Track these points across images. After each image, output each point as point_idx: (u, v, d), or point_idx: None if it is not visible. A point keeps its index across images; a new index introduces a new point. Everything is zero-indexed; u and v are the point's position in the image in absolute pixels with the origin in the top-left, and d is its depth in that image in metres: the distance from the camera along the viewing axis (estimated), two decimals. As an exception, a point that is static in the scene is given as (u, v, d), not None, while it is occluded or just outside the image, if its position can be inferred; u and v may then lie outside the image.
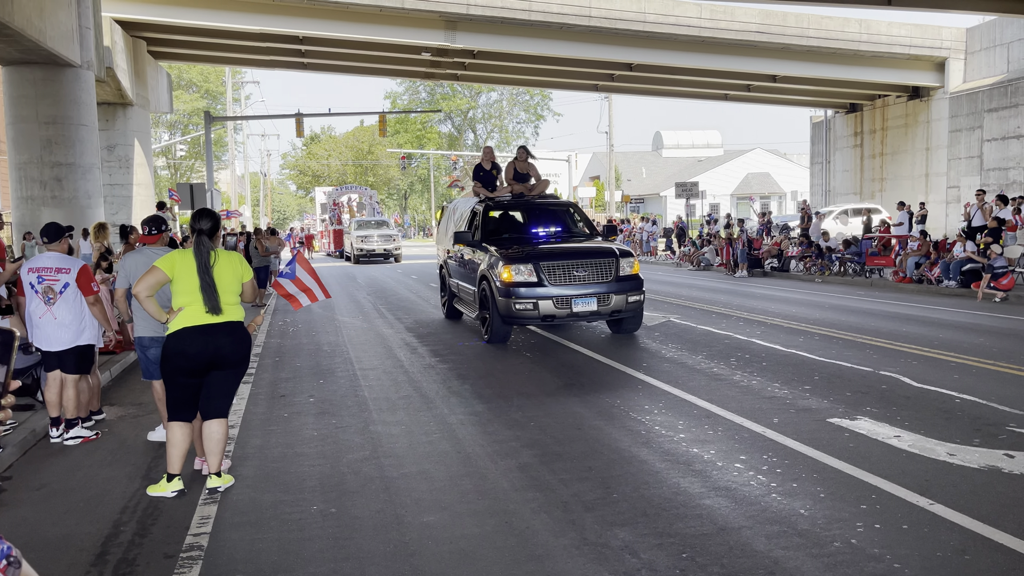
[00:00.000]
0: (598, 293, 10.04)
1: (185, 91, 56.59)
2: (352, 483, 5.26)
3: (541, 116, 65.06)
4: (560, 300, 9.95)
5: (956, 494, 4.71)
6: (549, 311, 9.96)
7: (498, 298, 10.14)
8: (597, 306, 10.04)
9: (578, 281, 10.07)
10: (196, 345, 5.07)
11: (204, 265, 5.08)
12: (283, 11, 23.87)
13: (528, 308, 9.93)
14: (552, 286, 9.97)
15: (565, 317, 10.05)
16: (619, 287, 10.18)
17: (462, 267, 12.09)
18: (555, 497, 4.87)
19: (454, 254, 12.58)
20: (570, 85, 34.58)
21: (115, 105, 24.62)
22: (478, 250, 11.21)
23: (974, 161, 27.72)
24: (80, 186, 18.37)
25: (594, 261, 10.21)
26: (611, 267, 10.24)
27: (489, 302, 10.46)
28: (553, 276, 10.03)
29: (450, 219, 13.74)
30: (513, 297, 9.97)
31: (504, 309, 10.08)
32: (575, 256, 10.30)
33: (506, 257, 10.22)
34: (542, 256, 10.19)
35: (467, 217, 12.30)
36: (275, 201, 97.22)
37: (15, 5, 14.37)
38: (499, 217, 12.09)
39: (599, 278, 10.13)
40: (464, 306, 12.36)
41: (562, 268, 10.08)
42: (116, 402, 7.99)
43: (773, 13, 26.38)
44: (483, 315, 10.85)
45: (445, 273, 13.53)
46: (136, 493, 5.23)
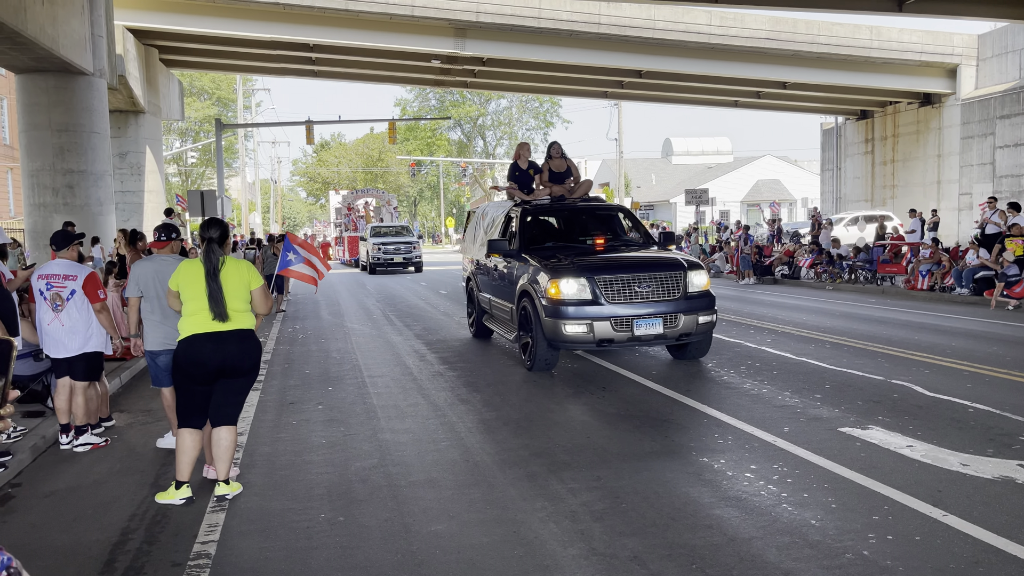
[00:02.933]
0: (664, 313, 8.52)
1: (196, 98, 56.93)
2: (360, 491, 5.25)
3: (551, 123, 65.12)
4: (619, 321, 8.39)
5: (969, 505, 4.66)
6: (606, 334, 8.39)
7: (543, 318, 8.60)
8: (663, 328, 8.46)
9: (640, 298, 8.53)
10: (205, 352, 5.07)
11: (211, 272, 5.10)
12: (294, 19, 23.99)
13: (581, 331, 8.36)
14: (609, 304, 8.44)
15: (625, 342, 8.51)
16: (688, 305, 8.65)
17: (496, 280, 10.57)
18: (564, 507, 4.84)
19: (486, 265, 11.08)
20: (580, 92, 34.63)
21: (127, 113, 24.79)
22: (517, 261, 9.69)
23: (986, 168, 27.56)
24: (92, 193, 18.49)
25: (658, 275, 8.67)
26: (678, 282, 8.70)
27: (531, 323, 8.94)
28: (610, 292, 8.48)
29: (478, 225, 12.22)
30: (562, 317, 8.40)
31: (551, 331, 8.55)
32: (636, 268, 8.75)
33: (553, 269, 8.71)
34: (596, 268, 8.66)
35: (501, 223, 10.80)
36: (285, 208, 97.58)
37: (28, 14, 14.49)
38: (540, 223, 10.63)
39: (664, 295, 8.60)
40: (497, 324, 10.82)
41: (621, 283, 8.52)
42: (126, 409, 8.01)
43: (783, 20, 26.34)
44: (523, 337, 9.36)
45: (473, 286, 11.91)
46: (145, 500, 5.23)
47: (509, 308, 9.91)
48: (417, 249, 31.16)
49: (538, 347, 8.85)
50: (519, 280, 9.41)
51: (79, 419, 6.58)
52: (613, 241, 10.18)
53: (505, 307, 10.13)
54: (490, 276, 10.90)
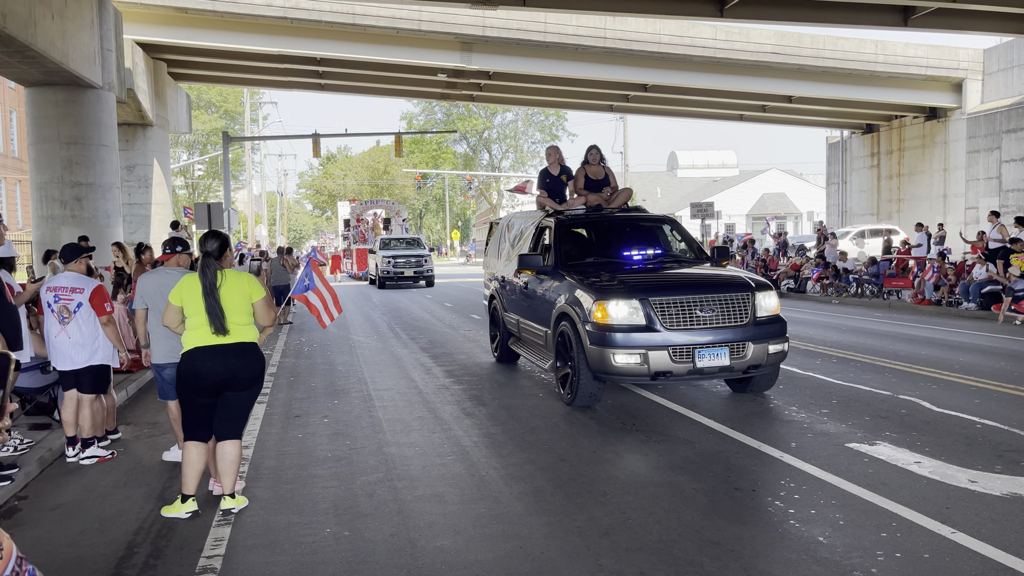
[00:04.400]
0: (731, 341, 7.34)
1: (204, 111, 57.27)
2: (366, 506, 5.24)
3: (556, 136, 65.23)
4: (679, 351, 7.22)
5: (978, 522, 4.63)
6: (663, 366, 7.21)
7: (588, 345, 7.46)
8: (730, 359, 7.30)
9: (702, 324, 7.35)
10: (208, 365, 5.08)
11: (208, 286, 5.09)
12: (301, 33, 24.16)
13: (633, 361, 7.21)
14: (667, 330, 7.27)
15: (685, 375, 7.31)
16: (758, 332, 7.47)
17: (527, 300, 9.42)
18: (570, 522, 4.83)
19: (514, 283, 9.94)
20: (585, 106, 34.71)
21: (135, 126, 24.94)
22: (553, 279, 8.57)
23: (992, 182, 27.53)
24: (100, 206, 18.58)
25: (723, 296, 7.50)
26: (746, 305, 7.53)
27: (572, 350, 7.81)
28: (667, 317, 7.32)
29: (503, 238, 11.06)
30: (611, 345, 7.26)
31: (597, 361, 7.40)
32: (696, 289, 7.61)
33: (599, 289, 7.61)
34: (650, 288, 7.57)
35: (531, 236, 9.72)
36: (291, 220, 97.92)
37: (38, 28, 14.62)
38: (579, 236, 9.55)
39: (730, 319, 7.43)
40: (527, 349, 9.67)
41: (679, 305, 7.37)
42: (132, 421, 8.02)
43: (788, 34, 26.41)
44: (560, 367, 8.23)
45: (498, 305, 10.74)
46: (151, 514, 5.23)
47: (543, 332, 8.75)
48: (429, 262, 29.99)
49: (581, 379, 7.66)
50: (556, 301, 8.26)
51: (86, 432, 6.59)
52: (662, 257, 9.18)
53: (538, 331, 8.97)
54: (519, 295, 9.75)
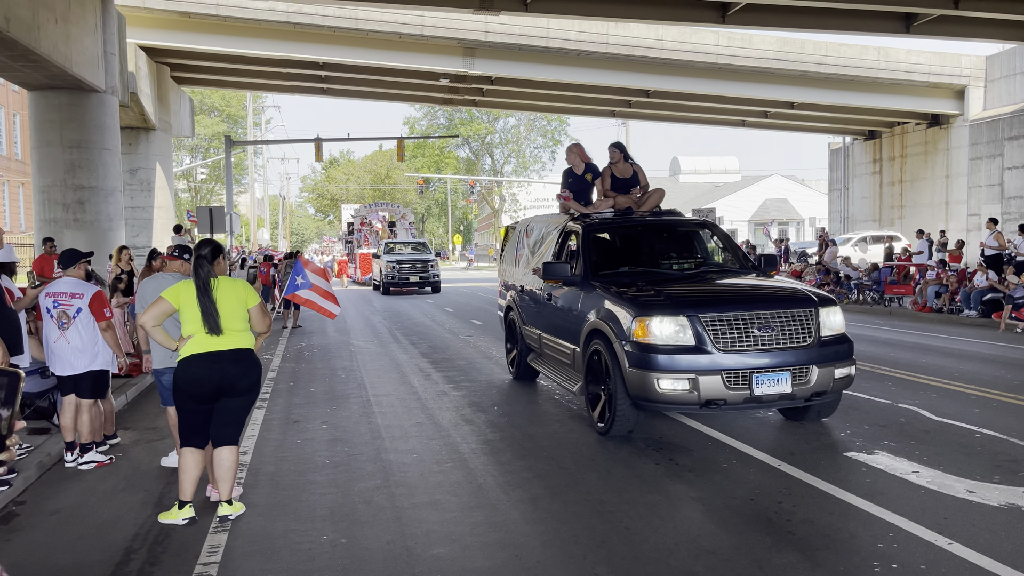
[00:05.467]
0: (793, 365, 6.43)
1: (207, 115, 57.39)
2: (363, 513, 5.24)
3: (558, 141, 65.30)
4: (734, 375, 6.31)
5: (975, 533, 4.62)
6: (715, 393, 6.28)
7: (627, 368, 6.53)
8: (792, 385, 6.38)
9: (759, 344, 6.42)
10: (203, 372, 5.08)
11: (202, 288, 5.09)
12: (304, 38, 24.21)
13: (681, 388, 6.30)
14: (720, 351, 6.36)
15: (741, 404, 6.39)
16: (822, 354, 6.55)
17: (551, 313, 8.50)
18: (567, 531, 4.82)
19: (535, 293, 9.07)
20: (588, 111, 34.75)
21: (138, 129, 24.99)
22: (582, 290, 7.66)
23: (995, 189, 27.51)
24: (102, 209, 18.61)
25: (783, 313, 6.58)
26: (809, 322, 6.60)
27: (608, 372, 6.89)
28: (720, 336, 6.40)
29: (520, 244, 10.17)
30: (655, 368, 6.34)
31: (638, 386, 6.47)
32: (752, 304, 6.71)
33: (640, 304, 6.71)
34: (699, 303, 6.68)
35: (554, 242, 8.83)
36: (294, 224, 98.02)
37: (42, 32, 14.67)
38: (610, 243, 8.64)
39: (792, 339, 6.50)
40: (550, 368, 8.68)
41: (734, 323, 6.44)
42: (131, 426, 8.02)
43: (791, 40, 26.43)
44: (591, 389, 7.31)
45: (515, 317, 9.83)
46: (148, 520, 5.24)
47: (570, 350, 7.85)
48: (435, 268, 28.98)
49: (617, 405, 6.74)
50: (587, 316, 7.34)
51: (84, 437, 6.60)
52: (704, 266, 8.26)
53: (564, 348, 8.07)
54: (541, 307, 8.85)
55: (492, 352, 12.58)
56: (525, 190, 66.47)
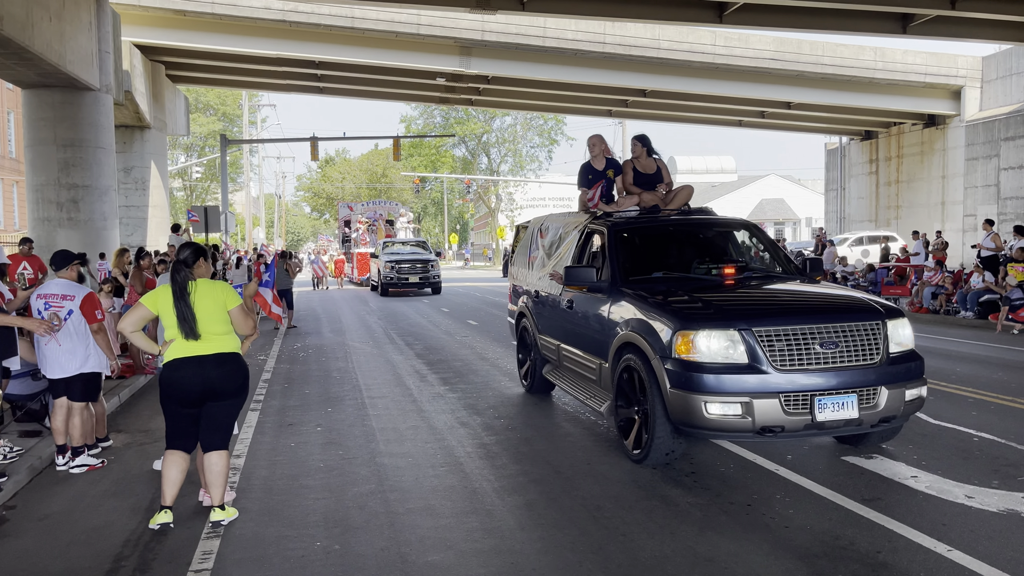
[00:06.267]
0: (860, 386, 5.64)
1: (202, 114, 57.21)
2: (357, 518, 5.18)
3: (555, 141, 65.15)
4: (794, 398, 5.53)
5: (974, 539, 4.58)
6: (773, 418, 5.50)
7: (668, 389, 5.74)
8: (859, 409, 5.60)
9: (822, 362, 5.63)
10: (186, 376, 5.01)
11: (178, 292, 5.00)
12: (300, 36, 24.13)
13: (732, 412, 5.51)
14: (777, 371, 5.55)
15: (801, 431, 5.61)
16: (891, 374, 5.77)
17: (572, 322, 7.67)
18: (563, 537, 4.77)
19: (552, 299, 8.26)
20: (584, 111, 34.71)
21: (133, 128, 24.89)
22: (610, 298, 6.87)
23: (991, 189, 27.53)
24: (96, 208, 18.53)
25: (847, 326, 5.78)
26: (876, 336, 5.81)
27: (643, 392, 6.12)
28: (777, 352, 5.60)
29: (534, 244, 9.31)
30: (701, 390, 5.56)
31: (681, 410, 5.68)
32: (811, 315, 5.91)
33: (682, 313, 5.94)
34: (751, 314, 5.92)
35: (574, 243, 7.97)
36: (289, 223, 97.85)
37: (36, 30, 14.57)
38: (640, 245, 7.60)
39: (858, 356, 5.71)
40: (570, 383, 7.89)
41: (792, 337, 5.64)
42: (123, 429, 7.96)
43: (788, 40, 26.42)
44: (622, 411, 6.53)
45: (529, 325, 9.05)
46: (139, 526, 5.17)
47: (595, 365, 7.06)
48: (435, 268, 27.91)
49: (656, 432, 5.93)
50: (617, 327, 6.58)
51: (76, 440, 6.53)
52: (747, 271, 7.23)
53: (588, 362, 7.27)
54: (561, 316, 8.04)
55: (488, 354, 12.53)
56: (521, 189, 66.42)
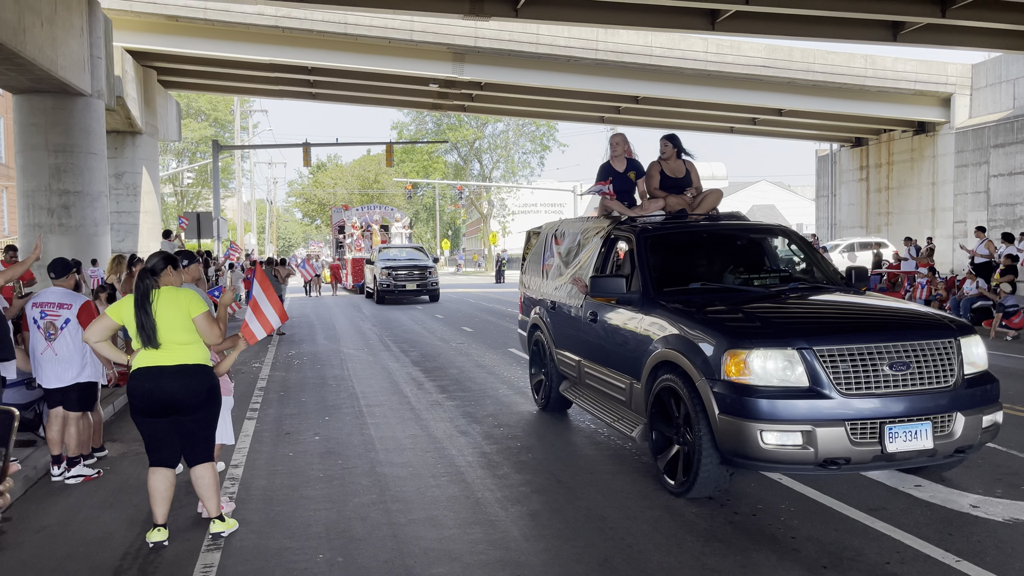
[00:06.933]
0: (934, 413, 5.09)
1: (193, 119, 57.01)
2: (359, 530, 5.13)
3: (547, 147, 65.28)
4: (862, 427, 4.96)
5: (981, 549, 4.57)
6: (838, 449, 4.92)
7: (716, 414, 5.16)
8: (933, 439, 5.03)
9: (892, 386, 5.06)
10: (147, 386, 4.89)
11: (139, 301, 4.89)
12: (293, 42, 24.07)
13: (792, 443, 4.94)
14: (843, 395, 4.97)
15: (870, 462, 5.03)
16: (966, 398, 5.22)
17: (597, 336, 7.03)
18: (568, 549, 4.73)
19: (572, 311, 7.61)
20: (576, 117, 34.76)
21: (124, 133, 24.76)
22: (642, 311, 6.26)
23: (981, 196, 27.71)
24: (88, 214, 18.40)
25: (917, 344, 5.19)
26: (949, 356, 5.25)
27: (687, 418, 5.46)
28: (841, 374, 5.02)
29: (548, 251, 8.68)
30: (755, 416, 4.97)
31: (732, 439, 5.09)
32: (877, 331, 5.32)
33: (731, 329, 5.39)
34: (811, 330, 5.37)
35: (596, 250, 7.36)
36: (281, 228, 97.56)
37: (27, 35, 14.48)
38: (672, 253, 7.11)
39: (929, 378, 5.15)
40: (593, 402, 7.27)
41: (858, 357, 5.06)
42: (118, 438, 7.87)
43: (779, 48, 26.54)
44: (659, 437, 5.95)
45: (544, 339, 8.40)
46: (137, 538, 5.10)
47: (625, 384, 6.45)
48: (433, 274, 27.03)
49: (701, 460, 5.31)
50: (652, 342, 5.97)
51: (71, 450, 6.45)
52: (792, 282, 6.77)
53: (616, 381, 6.66)
54: (582, 329, 7.38)
55: (484, 361, 12.48)
56: (514, 195, 66.45)
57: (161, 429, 5.00)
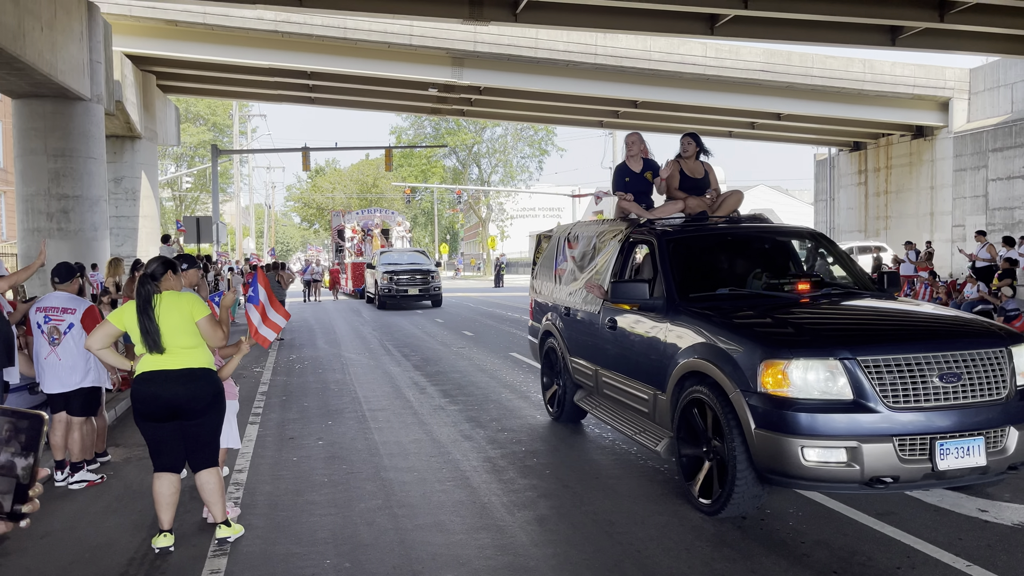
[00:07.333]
0: (986, 428, 4.78)
1: (192, 124, 57.00)
2: (366, 535, 5.11)
3: (545, 151, 65.32)
4: (911, 443, 4.64)
5: (992, 554, 4.55)
6: (886, 466, 4.61)
7: (752, 429, 4.85)
8: (986, 456, 4.72)
9: (943, 398, 4.75)
10: (151, 391, 4.88)
11: (141, 306, 4.87)
12: (293, 47, 24.07)
13: (836, 460, 4.64)
14: (891, 409, 4.67)
15: (920, 480, 4.70)
16: (1021, 411, 4.91)
17: (617, 344, 6.72)
18: (578, 554, 4.71)
19: (588, 316, 7.31)
20: (575, 121, 34.77)
21: (123, 138, 24.73)
22: (666, 317, 5.94)
23: (979, 200, 27.75)
24: (87, 219, 18.36)
25: (967, 354, 4.89)
26: (1001, 366, 4.94)
27: (720, 432, 5.17)
28: (888, 385, 4.71)
29: (560, 254, 8.39)
30: (796, 431, 4.68)
31: (769, 455, 4.79)
32: (924, 340, 5.01)
33: (767, 338, 5.07)
34: (853, 338, 5.07)
35: (615, 255, 7.04)
36: (279, 233, 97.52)
37: (27, 40, 14.46)
38: (697, 257, 6.84)
39: (981, 391, 4.84)
40: (611, 412, 6.98)
41: (906, 368, 4.75)
42: (122, 443, 7.84)
43: (778, 52, 26.60)
44: (687, 451, 5.60)
45: (557, 346, 8.11)
46: (143, 544, 5.08)
47: (648, 396, 6.13)
48: (436, 279, 26.56)
49: (736, 478, 4.99)
50: (678, 351, 5.66)
51: (75, 455, 6.43)
52: (826, 287, 6.46)
53: (637, 392, 6.33)
54: (599, 336, 7.04)
55: (486, 365, 12.46)
56: (512, 199, 66.48)
57: (165, 434, 4.97)
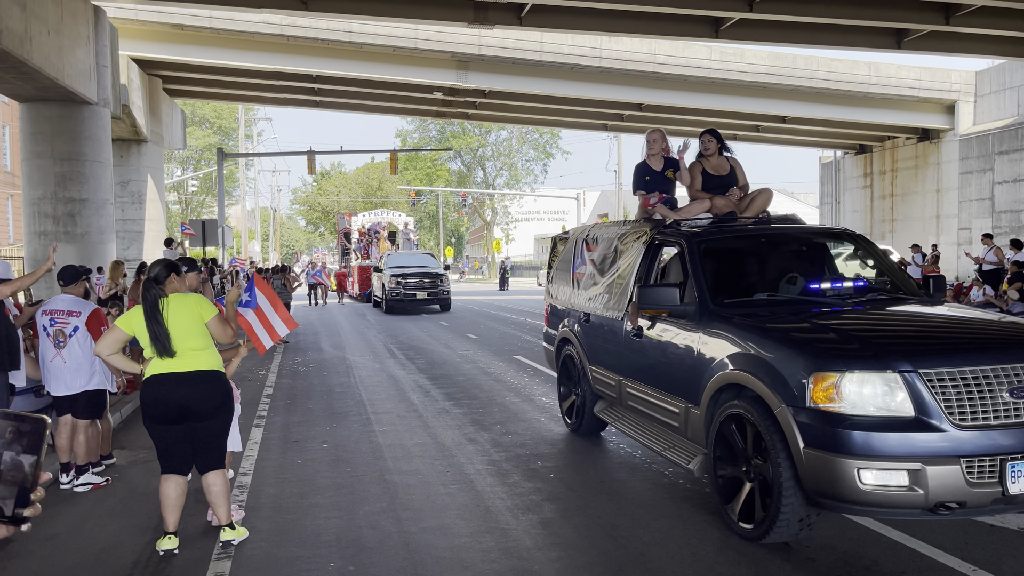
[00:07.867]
0: None
1: (198, 127, 57.20)
2: (370, 538, 5.11)
3: (550, 154, 65.31)
4: (979, 464, 4.20)
5: (998, 558, 4.54)
6: (952, 490, 4.17)
7: (801, 448, 4.41)
8: None
9: (1011, 414, 4.31)
10: (162, 394, 4.89)
11: (148, 311, 4.89)
12: (297, 50, 24.14)
13: (896, 483, 4.20)
14: (957, 427, 4.24)
15: (988, 505, 4.26)
16: None
17: (644, 353, 6.28)
18: (582, 557, 4.71)
19: (609, 323, 6.88)
20: (580, 124, 34.80)
21: (129, 141, 24.83)
22: (699, 325, 5.51)
23: (985, 203, 27.67)
24: (93, 222, 18.43)
25: None
26: None
27: (762, 451, 4.72)
28: (954, 401, 4.29)
29: (578, 257, 7.95)
30: (850, 451, 4.25)
31: (821, 478, 4.36)
32: (991, 350, 4.60)
33: (815, 348, 4.66)
34: (913, 349, 4.65)
35: (638, 257, 6.60)
36: (285, 236, 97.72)
37: (34, 44, 14.53)
38: (728, 259, 6.49)
39: None
40: (637, 425, 6.55)
41: (972, 381, 4.33)
42: (127, 446, 7.86)
43: (783, 55, 26.57)
44: (725, 471, 5.13)
45: (575, 354, 7.66)
46: (148, 546, 5.09)
47: (680, 409, 5.67)
48: (445, 283, 25.98)
49: (783, 502, 4.55)
50: (713, 362, 5.21)
51: (80, 458, 6.44)
52: (871, 292, 5.99)
53: (667, 405, 5.88)
54: (623, 344, 6.61)
55: (491, 368, 12.46)
56: (517, 203, 66.52)
57: (174, 436, 4.99)
